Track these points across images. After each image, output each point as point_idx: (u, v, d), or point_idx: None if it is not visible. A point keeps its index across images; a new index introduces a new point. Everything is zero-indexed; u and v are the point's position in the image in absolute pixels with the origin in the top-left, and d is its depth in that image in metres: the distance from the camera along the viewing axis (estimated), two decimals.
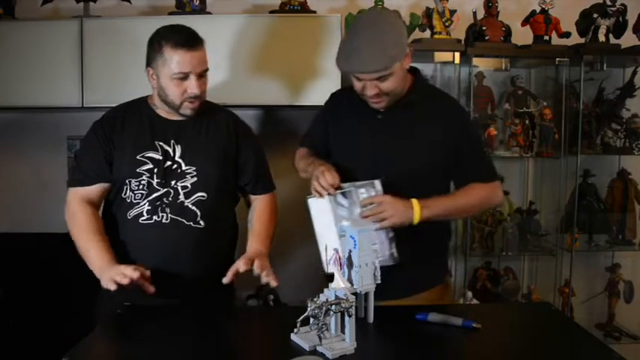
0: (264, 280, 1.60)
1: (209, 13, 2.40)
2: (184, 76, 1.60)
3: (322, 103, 1.88)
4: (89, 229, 1.62)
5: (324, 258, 1.44)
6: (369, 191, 1.55)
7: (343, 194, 1.56)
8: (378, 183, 1.56)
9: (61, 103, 2.34)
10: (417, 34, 2.50)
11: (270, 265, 1.65)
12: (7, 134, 2.68)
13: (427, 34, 2.49)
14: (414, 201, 1.55)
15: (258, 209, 1.80)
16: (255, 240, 1.74)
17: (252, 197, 1.83)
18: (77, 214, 1.64)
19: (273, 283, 1.60)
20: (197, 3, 2.37)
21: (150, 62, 1.64)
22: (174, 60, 1.58)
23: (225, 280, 1.58)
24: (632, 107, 2.65)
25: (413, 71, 1.70)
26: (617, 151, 2.65)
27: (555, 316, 1.51)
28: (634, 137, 2.60)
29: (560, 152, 2.59)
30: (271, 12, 2.42)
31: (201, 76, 1.64)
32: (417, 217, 1.54)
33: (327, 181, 1.55)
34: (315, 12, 2.42)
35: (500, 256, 2.68)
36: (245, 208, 1.86)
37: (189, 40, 1.60)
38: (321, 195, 1.56)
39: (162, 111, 1.71)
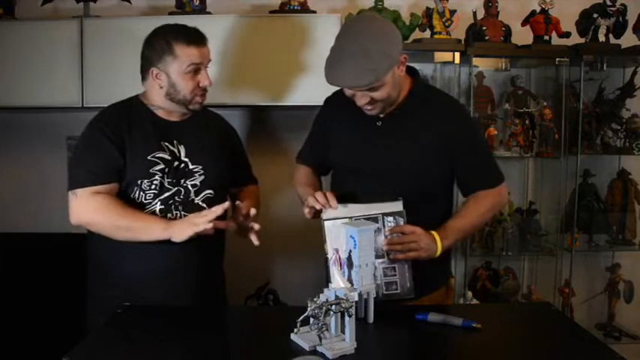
0: (251, 223, 1.66)
1: (209, 13, 2.40)
2: (197, 69, 1.66)
3: (322, 103, 1.87)
4: (121, 209, 1.60)
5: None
6: (397, 220, 1.49)
7: (369, 219, 1.46)
8: (400, 204, 1.50)
9: (61, 103, 2.34)
10: (417, 34, 2.50)
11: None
12: (7, 134, 2.68)
13: (427, 34, 2.49)
14: (435, 234, 1.53)
15: (246, 191, 1.91)
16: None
17: (239, 189, 1.92)
18: (101, 206, 1.60)
19: (255, 242, 1.65)
20: (197, 3, 2.37)
21: (154, 63, 1.65)
22: (187, 55, 1.64)
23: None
24: (632, 107, 2.65)
25: (411, 72, 1.67)
26: (617, 151, 2.65)
27: (555, 316, 1.51)
28: (634, 137, 2.60)
29: (560, 152, 2.58)
30: (271, 12, 2.43)
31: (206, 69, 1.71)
32: (439, 251, 1.53)
33: (328, 200, 1.50)
34: (315, 12, 2.42)
35: (500, 256, 2.68)
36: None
37: (200, 37, 1.68)
38: (322, 207, 1.50)
39: (161, 111, 1.72)
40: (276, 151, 2.62)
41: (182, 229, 1.56)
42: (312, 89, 2.32)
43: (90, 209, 1.61)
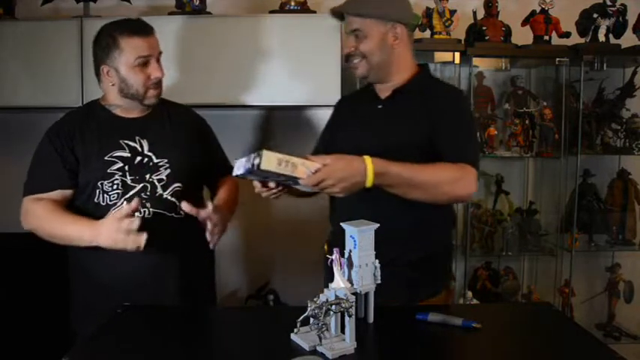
0: (207, 232, 1.61)
1: (209, 13, 2.40)
2: (145, 61, 1.63)
3: (322, 103, 1.89)
4: (56, 216, 1.59)
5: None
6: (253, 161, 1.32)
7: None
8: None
9: (61, 103, 2.34)
10: (417, 34, 2.50)
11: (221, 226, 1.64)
12: (8, 134, 2.68)
13: (427, 34, 2.49)
14: (368, 162, 1.40)
15: (225, 183, 1.83)
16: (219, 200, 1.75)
17: (217, 179, 1.86)
18: (37, 210, 1.62)
19: (211, 244, 1.61)
20: (197, 3, 2.37)
21: (103, 60, 1.64)
22: (133, 47, 1.61)
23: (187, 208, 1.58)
24: (632, 107, 2.65)
25: (421, 65, 1.73)
26: (617, 151, 2.65)
27: (555, 316, 1.51)
28: (634, 137, 2.61)
29: (560, 152, 2.59)
30: (271, 12, 2.43)
31: (158, 61, 1.67)
32: (369, 182, 1.41)
33: None
34: (315, 12, 2.42)
35: (500, 256, 2.68)
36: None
37: (143, 27, 1.65)
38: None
39: (120, 110, 1.70)
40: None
41: (109, 237, 1.48)
42: (311, 90, 2.33)
43: (31, 216, 1.63)
